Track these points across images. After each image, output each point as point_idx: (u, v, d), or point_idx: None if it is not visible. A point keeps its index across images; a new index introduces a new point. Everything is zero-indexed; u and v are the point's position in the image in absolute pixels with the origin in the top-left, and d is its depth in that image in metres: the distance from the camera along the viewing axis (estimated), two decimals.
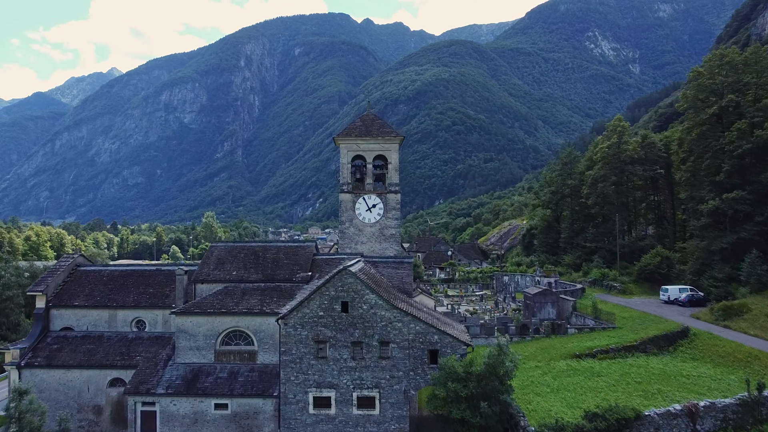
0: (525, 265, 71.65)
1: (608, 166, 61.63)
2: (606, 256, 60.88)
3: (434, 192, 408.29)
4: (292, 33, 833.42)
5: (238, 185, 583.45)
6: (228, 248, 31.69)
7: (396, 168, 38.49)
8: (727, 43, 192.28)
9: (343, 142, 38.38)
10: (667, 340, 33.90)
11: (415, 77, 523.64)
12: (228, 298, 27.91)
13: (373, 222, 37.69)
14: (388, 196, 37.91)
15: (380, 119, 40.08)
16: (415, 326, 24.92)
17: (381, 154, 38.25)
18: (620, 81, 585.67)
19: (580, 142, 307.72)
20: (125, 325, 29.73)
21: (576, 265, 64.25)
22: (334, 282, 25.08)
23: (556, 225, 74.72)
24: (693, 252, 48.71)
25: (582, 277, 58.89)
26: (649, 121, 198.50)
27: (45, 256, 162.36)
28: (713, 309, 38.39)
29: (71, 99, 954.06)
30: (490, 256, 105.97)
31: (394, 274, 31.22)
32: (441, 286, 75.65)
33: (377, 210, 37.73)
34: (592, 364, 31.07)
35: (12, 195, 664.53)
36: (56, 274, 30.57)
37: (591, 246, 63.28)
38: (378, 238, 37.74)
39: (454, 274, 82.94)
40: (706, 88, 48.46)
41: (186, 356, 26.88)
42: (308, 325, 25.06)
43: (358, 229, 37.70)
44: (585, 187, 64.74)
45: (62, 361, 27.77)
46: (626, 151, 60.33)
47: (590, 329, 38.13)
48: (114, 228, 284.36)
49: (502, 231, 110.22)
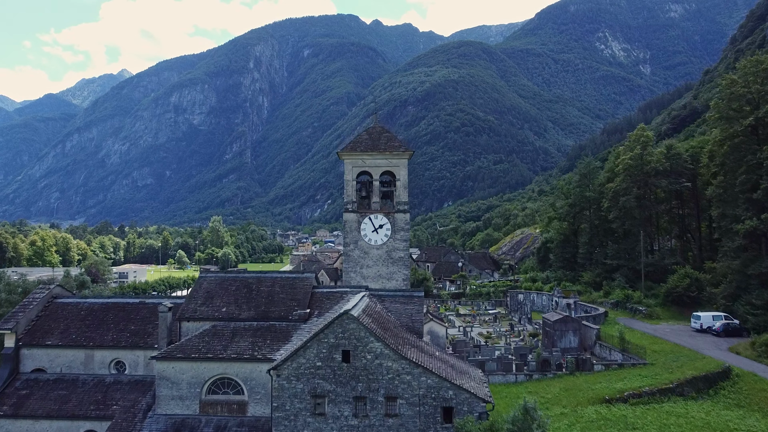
0: (541, 282, 68.07)
1: (630, 178, 57.84)
2: (628, 274, 57.03)
3: (443, 194, 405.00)
4: (301, 34, 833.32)
5: (247, 186, 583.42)
6: (218, 280, 28.63)
7: (405, 185, 35.30)
8: (741, 44, 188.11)
9: (348, 157, 35.29)
10: (706, 381, 30.42)
11: (424, 78, 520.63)
12: (216, 339, 24.83)
13: (380, 244, 34.55)
14: (396, 216, 34.76)
15: (388, 132, 36.82)
16: (426, 379, 21.71)
17: (389, 170, 35.17)
18: (631, 82, 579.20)
19: (591, 144, 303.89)
20: (103, 366, 26.74)
21: (596, 284, 60.53)
22: (334, 328, 21.93)
23: (573, 239, 71.07)
24: (726, 274, 45.00)
25: (603, 298, 55.20)
26: (662, 124, 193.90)
27: (50, 261, 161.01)
28: (755, 343, 34.80)
29: (82, 100, 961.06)
30: (502, 267, 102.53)
31: (402, 310, 28.01)
32: (452, 302, 72.32)
33: (384, 231, 34.58)
34: (624, 412, 27.64)
35: (23, 196, 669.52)
36: (28, 309, 27.66)
37: (612, 263, 59.35)
38: (385, 261, 34.60)
39: (465, 288, 79.64)
40: (740, 97, 44.79)
41: (168, 406, 23.81)
42: (304, 377, 21.92)
43: (363, 252, 34.56)
44: (605, 201, 60.82)
45: (31, 410, 24.82)
46: (650, 163, 56.63)
47: (618, 365, 34.67)
48: (121, 231, 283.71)
49: (514, 240, 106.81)
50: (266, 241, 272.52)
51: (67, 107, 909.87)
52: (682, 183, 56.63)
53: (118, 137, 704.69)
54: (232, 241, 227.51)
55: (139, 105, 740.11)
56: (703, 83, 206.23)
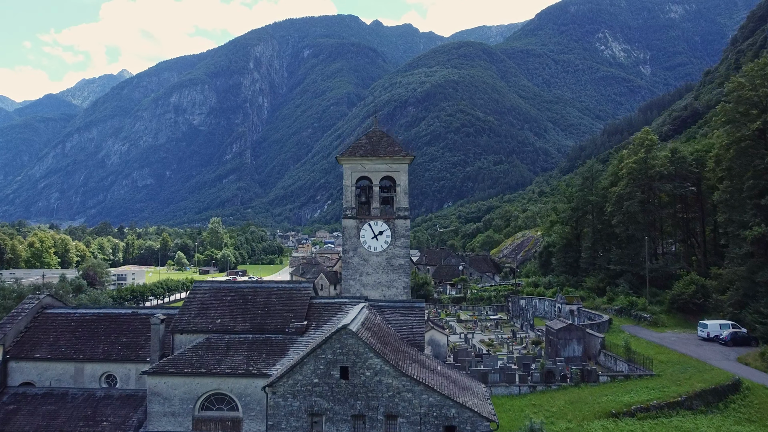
0: (543, 286, 67.25)
1: (634, 182, 56.48)
2: (632, 280, 55.88)
3: (443, 194, 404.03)
4: (301, 35, 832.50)
5: (247, 187, 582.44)
6: (213, 290, 27.73)
7: (405, 191, 34.43)
8: (742, 45, 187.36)
9: (347, 162, 34.44)
10: (716, 394, 29.52)
11: (424, 79, 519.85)
12: (209, 353, 23.95)
13: (380, 251, 33.68)
14: (396, 222, 33.88)
15: (388, 136, 35.97)
16: (428, 397, 20.85)
17: (389, 175, 34.32)
18: (631, 83, 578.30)
19: (591, 145, 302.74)
20: (93, 380, 25.86)
21: (599, 289, 59.38)
22: (332, 343, 21.08)
23: (576, 243, 69.86)
24: (732, 281, 44.10)
25: (607, 304, 54.28)
26: (663, 125, 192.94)
27: (48, 263, 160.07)
28: (765, 354, 33.91)
29: (82, 101, 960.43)
30: (503, 270, 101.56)
31: (402, 322, 27.14)
32: (453, 307, 71.31)
33: (384, 237, 33.73)
34: (632, 427, 26.77)
35: (23, 196, 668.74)
36: (17, 320, 26.79)
37: (615, 269, 58.10)
38: (385, 268, 33.77)
39: (466, 292, 78.71)
40: (747, 100, 43.90)
41: (159, 423, 22.94)
42: (301, 394, 21.06)
43: (363, 259, 33.71)
44: (609, 205, 59.81)
45: (18, 426, 23.91)
46: (654, 167, 55.25)
47: (625, 377, 33.76)
48: (120, 232, 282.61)
49: (515, 243, 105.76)
50: (266, 242, 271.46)
51: (67, 107, 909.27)
52: (687, 187, 55.69)
53: (118, 137, 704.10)
54: (231, 242, 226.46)
55: (139, 105, 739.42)
56: (703, 84, 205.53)
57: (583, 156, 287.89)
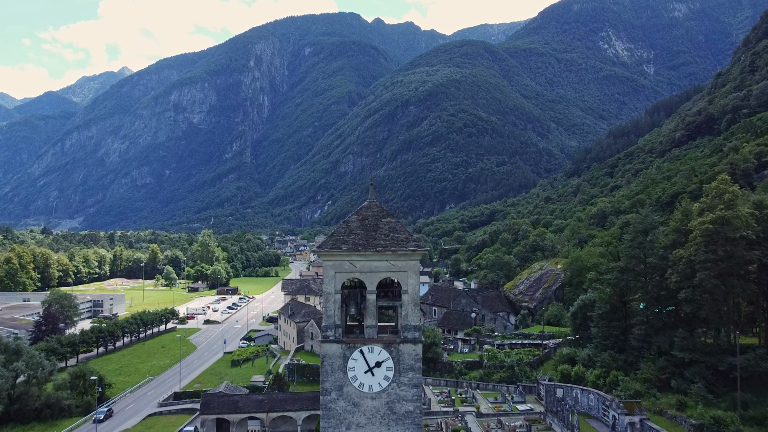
0: (581, 363, 55.19)
1: (710, 247, 43.88)
2: (707, 375, 43.83)
3: (445, 196, 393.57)
4: (302, 33, 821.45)
5: (247, 186, 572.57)
6: None
7: (415, 300, 23.23)
8: (757, 47, 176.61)
9: (329, 258, 23.35)
10: None
11: (426, 78, 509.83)
12: None
13: (377, 391, 22.73)
14: (402, 348, 22.82)
15: (389, 215, 24.66)
16: None
17: (391, 278, 23.47)
18: (634, 82, 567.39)
19: (597, 147, 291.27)
20: None
21: (661, 382, 47.01)
22: None
23: (622, 310, 55.82)
24: None
25: (677, 411, 42.27)
26: (675, 130, 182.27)
27: (22, 283, 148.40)
28: None
29: (82, 98, 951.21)
30: (521, 312, 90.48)
31: None
32: (468, 385, 59.48)
33: (384, 371, 22.80)
34: None
35: (22, 194, 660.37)
36: None
37: (683, 357, 45.30)
38: (385, 418, 22.83)
39: (482, 351, 67.37)
40: None
41: None
42: None
43: (352, 404, 22.80)
44: (674, 274, 47.21)
45: None
46: (738, 229, 42.93)
47: None
48: (111, 240, 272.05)
49: (532, 276, 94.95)
50: (262, 251, 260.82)
51: (67, 105, 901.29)
52: None
53: (117, 136, 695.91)
54: (223, 255, 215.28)
55: (138, 103, 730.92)
56: (715, 87, 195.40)
57: (588, 159, 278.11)
